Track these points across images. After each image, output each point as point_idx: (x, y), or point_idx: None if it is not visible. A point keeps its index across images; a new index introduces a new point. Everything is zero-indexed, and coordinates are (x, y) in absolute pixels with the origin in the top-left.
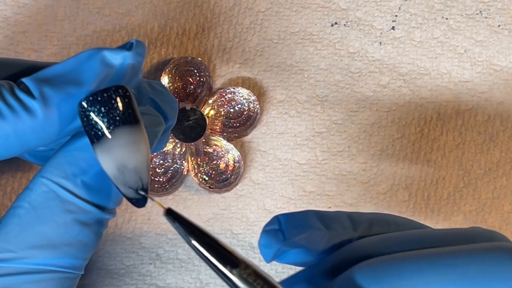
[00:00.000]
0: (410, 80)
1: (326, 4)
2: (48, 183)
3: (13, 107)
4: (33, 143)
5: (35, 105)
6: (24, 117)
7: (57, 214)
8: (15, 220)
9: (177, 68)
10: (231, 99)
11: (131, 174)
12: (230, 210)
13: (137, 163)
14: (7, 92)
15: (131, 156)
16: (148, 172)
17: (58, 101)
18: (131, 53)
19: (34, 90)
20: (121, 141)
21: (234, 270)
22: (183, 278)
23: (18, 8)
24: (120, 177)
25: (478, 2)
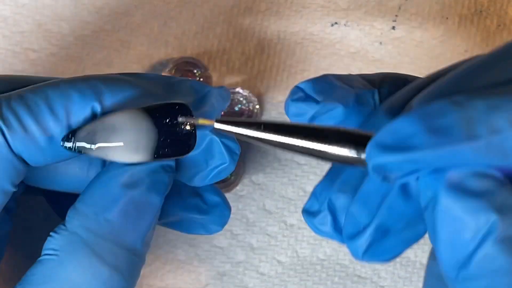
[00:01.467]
0: None
1: (326, 4)
2: (70, 226)
3: (81, 89)
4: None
5: (102, 85)
6: (91, 96)
7: (82, 257)
8: (39, 268)
9: (177, 68)
10: (231, 99)
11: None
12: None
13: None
14: (78, 79)
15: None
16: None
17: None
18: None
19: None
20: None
21: (322, 139)
22: (183, 279)
23: (17, 8)
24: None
25: (479, 2)
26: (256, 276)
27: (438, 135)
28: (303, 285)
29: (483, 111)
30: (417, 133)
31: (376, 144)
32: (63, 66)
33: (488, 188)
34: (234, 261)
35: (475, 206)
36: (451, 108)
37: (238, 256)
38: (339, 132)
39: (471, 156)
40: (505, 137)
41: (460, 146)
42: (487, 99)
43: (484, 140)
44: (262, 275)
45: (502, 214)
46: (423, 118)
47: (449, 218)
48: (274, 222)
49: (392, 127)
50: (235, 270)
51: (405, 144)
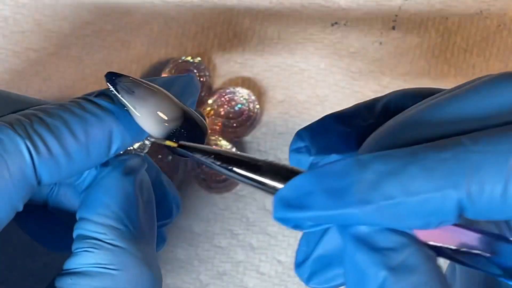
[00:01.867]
0: (410, 80)
1: (326, 4)
2: (108, 240)
3: (96, 113)
4: (118, 144)
5: (114, 108)
6: (108, 120)
7: (133, 268)
8: (93, 284)
9: (177, 68)
10: (231, 99)
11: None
12: (230, 210)
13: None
14: (85, 103)
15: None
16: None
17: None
18: (192, 75)
19: (113, 96)
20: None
21: (258, 172)
22: (183, 279)
23: (18, 8)
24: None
25: (479, 2)
26: (256, 276)
27: (331, 196)
28: (303, 285)
29: (382, 176)
30: (313, 193)
31: (278, 198)
32: (63, 66)
33: (390, 244)
34: (234, 260)
35: (372, 260)
36: (353, 168)
37: (238, 255)
38: (273, 166)
39: (362, 219)
40: (396, 203)
41: (351, 209)
42: (391, 162)
43: (375, 205)
44: (262, 275)
45: (395, 272)
46: (322, 178)
47: (352, 266)
48: (274, 222)
49: (294, 184)
50: (235, 269)
51: (302, 203)
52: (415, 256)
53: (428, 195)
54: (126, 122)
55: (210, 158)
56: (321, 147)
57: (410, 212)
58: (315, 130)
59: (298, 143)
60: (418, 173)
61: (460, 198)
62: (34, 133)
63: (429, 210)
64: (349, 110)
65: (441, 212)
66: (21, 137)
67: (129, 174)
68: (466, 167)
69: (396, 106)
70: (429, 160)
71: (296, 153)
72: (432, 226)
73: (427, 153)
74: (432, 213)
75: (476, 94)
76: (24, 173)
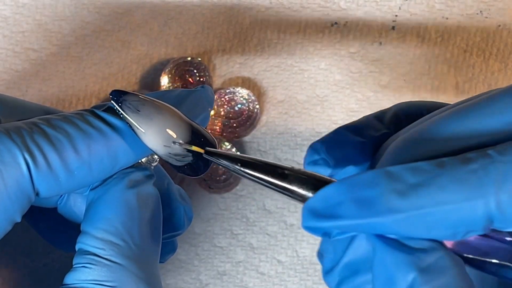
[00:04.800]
0: (410, 80)
1: (326, 4)
2: (107, 256)
3: (101, 129)
4: (123, 162)
5: (121, 124)
6: (114, 137)
7: (131, 285)
8: None
9: (177, 68)
10: (231, 99)
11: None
12: (230, 210)
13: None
14: (91, 117)
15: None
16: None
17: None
18: (206, 87)
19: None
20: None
21: (286, 180)
22: (183, 279)
23: (18, 8)
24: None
25: (479, 2)
26: (256, 276)
27: (361, 206)
28: (303, 284)
29: (412, 186)
30: (343, 202)
31: (307, 209)
32: (63, 66)
33: (421, 247)
34: (234, 260)
35: (402, 262)
36: (381, 179)
37: (238, 255)
38: (300, 174)
39: (392, 228)
40: (426, 213)
41: (381, 218)
42: (420, 174)
43: (404, 214)
44: (262, 275)
45: (424, 273)
46: (351, 188)
47: (381, 269)
48: (274, 222)
49: (322, 194)
50: (235, 269)
51: (332, 212)
52: (444, 259)
53: (458, 205)
54: (132, 140)
55: (237, 165)
56: (338, 159)
57: (438, 222)
58: (330, 143)
59: (314, 156)
60: (448, 184)
61: (489, 208)
62: (33, 145)
63: (457, 220)
64: (360, 121)
65: (469, 222)
66: (18, 148)
67: (133, 188)
68: (495, 178)
69: (407, 115)
70: (458, 171)
71: (313, 166)
72: (459, 236)
73: (455, 164)
74: (461, 223)
75: (494, 106)
76: (20, 185)
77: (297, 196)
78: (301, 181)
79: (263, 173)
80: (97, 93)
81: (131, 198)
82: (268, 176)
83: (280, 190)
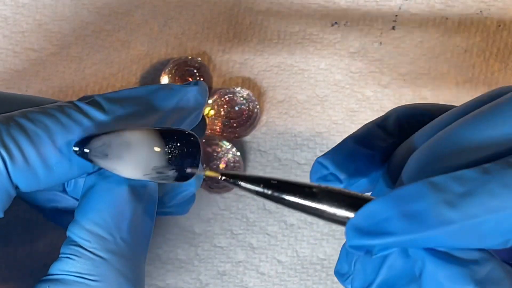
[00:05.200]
0: (410, 80)
1: (326, 4)
2: (90, 249)
3: (82, 122)
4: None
5: (103, 117)
6: (95, 131)
7: (112, 280)
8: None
9: (177, 68)
10: (231, 99)
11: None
12: (230, 210)
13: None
14: (72, 110)
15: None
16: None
17: (127, 120)
18: (198, 87)
19: (105, 106)
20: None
21: (315, 199)
22: (183, 279)
23: (18, 8)
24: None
25: (479, 2)
26: (256, 276)
27: (411, 220)
28: (303, 284)
29: (461, 196)
30: (391, 218)
31: (352, 227)
32: (63, 66)
33: (472, 258)
34: (234, 260)
35: (457, 275)
36: (427, 191)
37: (238, 255)
38: (329, 192)
39: (444, 241)
40: (479, 222)
41: (433, 231)
42: (467, 183)
43: (457, 225)
44: (262, 275)
45: (482, 286)
46: (398, 203)
47: (433, 284)
48: (274, 222)
49: (367, 211)
50: (235, 269)
51: (379, 229)
52: (498, 270)
53: (510, 210)
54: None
55: (259, 186)
56: (350, 173)
57: (492, 230)
58: (339, 156)
59: (322, 171)
60: (498, 190)
61: None
62: (10, 140)
63: (510, 226)
64: (365, 131)
65: None
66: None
67: (128, 179)
68: None
69: (409, 124)
70: (506, 176)
71: (322, 182)
72: (511, 243)
73: (501, 170)
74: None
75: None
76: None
77: (328, 215)
78: (332, 199)
79: (289, 193)
80: (97, 93)
81: (124, 191)
82: (295, 197)
83: (308, 211)
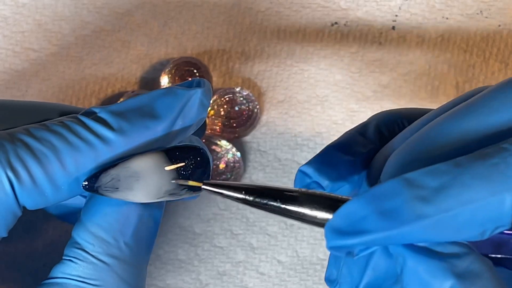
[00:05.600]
0: (410, 80)
1: (326, 4)
2: (93, 253)
3: (89, 140)
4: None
5: (113, 136)
6: (103, 149)
7: (112, 285)
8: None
9: (177, 68)
10: (231, 99)
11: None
12: (230, 211)
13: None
14: (79, 127)
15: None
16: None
17: (135, 134)
18: (202, 90)
19: (113, 123)
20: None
21: (296, 202)
22: (183, 279)
23: (18, 8)
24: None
25: (479, 2)
26: (256, 276)
27: (387, 217)
28: (303, 285)
29: (435, 190)
30: (367, 216)
31: (331, 228)
32: (63, 66)
33: (452, 252)
34: (234, 260)
35: (437, 269)
36: (401, 187)
37: (238, 255)
38: (309, 195)
39: (421, 235)
40: (454, 215)
41: (409, 227)
42: (440, 176)
43: (432, 219)
44: (262, 275)
45: (462, 279)
46: (373, 201)
47: (414, 279)
48: (274, 222)
49: (344, 211)
50: (235, 269)
51: (357, 228)
52: (477, 263)
53: (485, 201)
54: (122, 149)
55: (241, 193)
56: (332, 179)
57: (467, 222)
58: (321, 164)
59: (305, 179)
60: (471, 182)
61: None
62: (17, 161)
63: (486, 217)
64: (346, 138)
65: (498, 218)
66: (1, 165)
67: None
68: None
69: (388, 130)
70: (478, 167)
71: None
72: (487, 234)
73: (474, 162)
74: (489, 220)
75: (490, 105)
76: (4, 204)
77: (309, 218)
78: (312, 202)
79: (270, 199)
80: (97, 93)
81: (136, 222)
82: (276, 202)
83: (290, 215)
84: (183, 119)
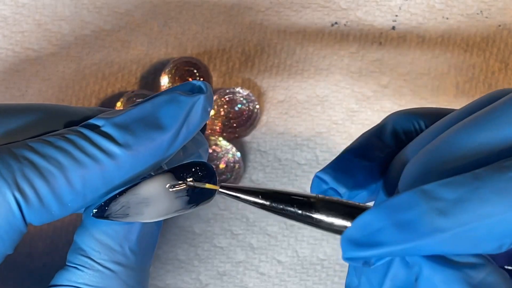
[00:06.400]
0: (410, 80)
1: (326, 4)
2: (99, 260)
3: (96, 157)
4: (119, 186)
5: (119, 151)
6: (109, 165)
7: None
8: None
9: (177, 68)
10: (231, 99)
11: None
12: (230, 211)
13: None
14: (85, 142)
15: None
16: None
17: (141, 147)
18: (205, 96)
19: (118, 137)
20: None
21: (312, 209)
22: (183, 279)
23: (17, 8)
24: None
25: (479, 2)
26: (256, 276)
27: (404, 230)
28: (303, 285)
29: (452, 203)
30: (384, 229)
31: (346, 239)
32: (63, 66)
33: (468, 262)
34: (234, 261)
35: (452, 279)
36: (419, 199)
37: (238, 256)
38: (327, 201)
39: (438, 248)
40: (471, 229)
41: (425, 240)
42: (458, 189)
43: (449, 232)
44: (262, 275)
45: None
46: (390, 212)
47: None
48: (274, 222)
49: (360, 222)
50: (235, 270)
51: (373, 240)
52: (494, 275)
53: (503, 216)
54: (129, 165)
55: (258, 198)
56: (350, 186)
57: (484, 236)
58: (337, 170)
59: (322, 186)
60: (489, 196)
61: None
62: (24, 181)
63: (504, 231)
64: (362, 142)
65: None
66: (8, 186)
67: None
68: None
69: (405, 132)
70: (497, 181)
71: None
72: (505, 247)
73: (493, 174)
74: (507, 234)
75: (507, 114)
76: (11, 224)
77: (326, 225)
78: (330, 209)
79: (287, 204)
80: (97, 93)
81: (139, 228)
82: (293, 207)
83: (306, 220)
84: (188, 127)
